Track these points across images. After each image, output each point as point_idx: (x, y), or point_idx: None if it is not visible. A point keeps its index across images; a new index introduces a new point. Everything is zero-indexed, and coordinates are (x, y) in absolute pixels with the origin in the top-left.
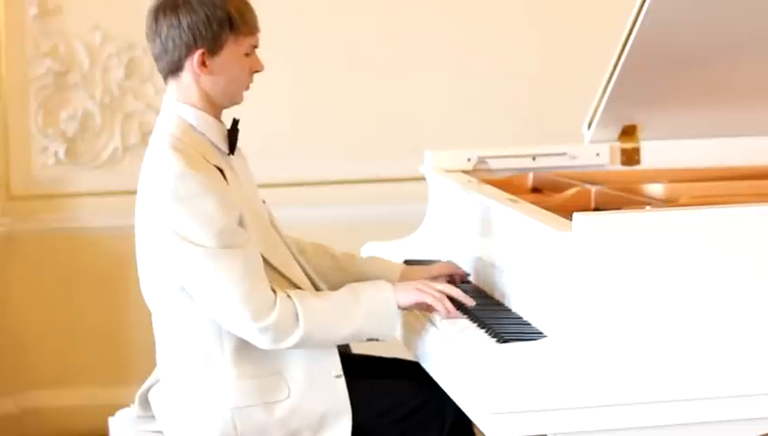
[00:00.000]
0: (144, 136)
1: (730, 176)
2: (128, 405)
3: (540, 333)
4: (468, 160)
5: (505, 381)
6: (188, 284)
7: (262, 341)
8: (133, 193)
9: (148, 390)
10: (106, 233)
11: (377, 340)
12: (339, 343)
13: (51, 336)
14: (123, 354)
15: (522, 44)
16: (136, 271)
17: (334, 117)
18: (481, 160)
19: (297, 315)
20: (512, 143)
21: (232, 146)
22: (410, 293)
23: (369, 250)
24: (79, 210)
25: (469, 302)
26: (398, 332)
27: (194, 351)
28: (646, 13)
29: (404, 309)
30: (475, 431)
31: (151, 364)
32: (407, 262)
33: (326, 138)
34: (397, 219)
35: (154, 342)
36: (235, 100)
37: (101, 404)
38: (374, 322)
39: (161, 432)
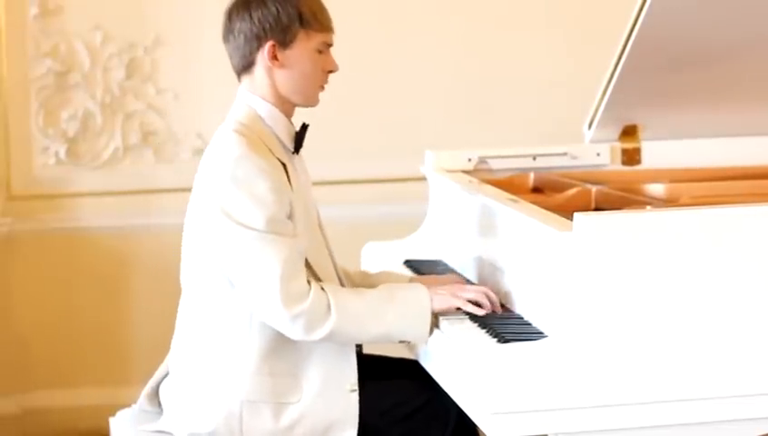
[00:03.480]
0: (145, 136)
1: (730, 176)
2: (129, 405)
3: (541, 333)
4: (469, 160)
5: (506, 381)
6: (230, 267)
7: (294, 331)
8: (134, 193)
9: (158, 384)
10: (107, 233)
11: (409, 342)
12: (370, 341)
13: (51, 336)
14: (124, 354)
15: (523, 45)
16: (137, 270)
17: (335, 117)
18: (482, 160)
19: (329, 306)
20: (513, 143)
21: (298, 146)
22: (446, 299)
23: (369, 250)
24: (79, 210)
25: (498, 309)
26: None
27: (220, 338)
28: (647, 13)
29: (437, 313)
30: (478, 430)
31: (152, 363)
32: (407, 263)
33: (326, 138)
34: (397, 219)
35: (155, 342)
36: (309, 99)
37: (101, 404)
38: (406, 322)
39: (162, 432)
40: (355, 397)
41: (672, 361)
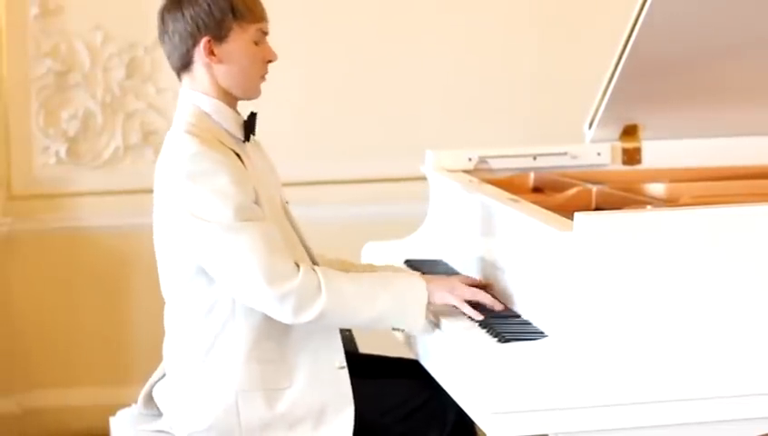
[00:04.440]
0: (146, 136)
1: (730, 176)
2: (129, 405)
3: (541, 333)
4: (469, 159)
5: (506, 380)
6: (207, 263)
7: (283, 312)
8: (134, 192)
9: (152, 387)
10: (107, 233)
11: (402, 330)
12: (361, 326)
13: (52, 336)
14: (124, 354)
15: (523, 44)
16: (137, 270)
17: (335, 117)
18: (482, 159)
19: (320, 286)
20: (513, 142)
21: (248, 134)
22: (444, 294)
23: (369, 250)
24: (80, 210)
25: (498, 306)
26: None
27: (205, 335)
28: (647, 12)
29: (433, 307)
30: (476, 429)
31: (152, 363)
32: (407, 263)
33: (326, 138)
34: (397, 219)
35: (155, 342)
36: (250, 91)
37: (102, 404)
38: (400, 310)
39: (162, 432)
40: (345, 374)
41: (671, 361)
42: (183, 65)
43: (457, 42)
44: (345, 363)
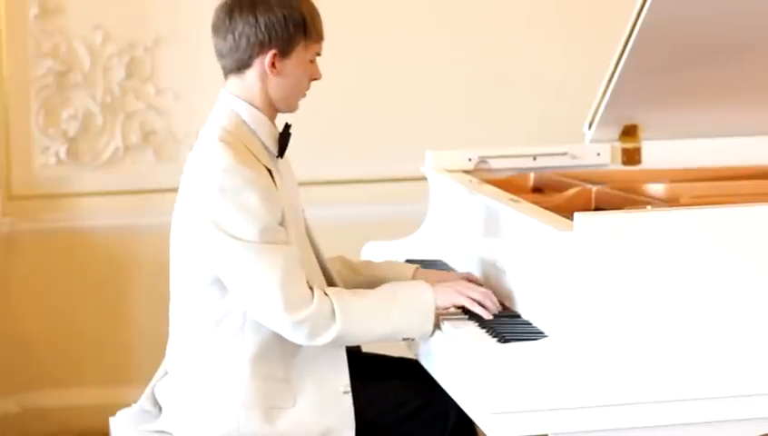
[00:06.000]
0: (146, 136)
1: (730, 176)
2: (129, 405)
3: (541, 333)
4: (469, 160)
5: (506, 380)
6: (226, 278)
7: (297, 336)
8: (134, 192)
9: (155, 385)
10: (107, 233)
11: (413, 339)
12: (374, 341)
13: (52, 336)
14: (124, 354)
15: (523, 44)
16: (137, 270)
17: (335, 117)
18: (482, 160)
19: (333, 312)
20: (513, 142)
21: (282, 149)
22: (449, 295)
23: (369, 250)
24: (80, 210)
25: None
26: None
27: (213, 344)
28: (648, 12)
29: (441, 309)
30: (477, 430)
31: (152, 363)
32: (407, 263)
33: (327, 138)
34: (398, 219)
35: (155, 342)
36: (292, 106)
37: (102, 404)
38: (410, 320)
39: (162, 432)
40: (348, 399)
41: (672, 361)
42: (238, 68)
43: (458, 42)
44: (349, 388)
